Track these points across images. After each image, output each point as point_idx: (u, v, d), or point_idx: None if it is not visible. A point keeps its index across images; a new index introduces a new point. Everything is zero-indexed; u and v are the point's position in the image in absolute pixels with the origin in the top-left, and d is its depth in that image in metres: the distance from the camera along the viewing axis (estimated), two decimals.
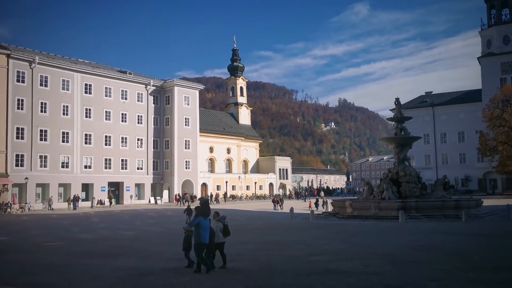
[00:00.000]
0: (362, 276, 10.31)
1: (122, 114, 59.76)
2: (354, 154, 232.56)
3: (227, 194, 69.75)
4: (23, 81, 50.43)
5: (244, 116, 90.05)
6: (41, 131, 51.59)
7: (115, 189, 58.89)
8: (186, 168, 64.46)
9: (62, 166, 53.30)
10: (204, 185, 70.14)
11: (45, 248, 17.32)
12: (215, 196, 62.44)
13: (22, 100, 50.14)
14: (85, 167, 55.51)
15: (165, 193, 63.59)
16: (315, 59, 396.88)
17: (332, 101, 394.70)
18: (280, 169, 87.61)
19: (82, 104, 55.56)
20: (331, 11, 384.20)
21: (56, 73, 53.40)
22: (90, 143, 56.02)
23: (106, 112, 58.02)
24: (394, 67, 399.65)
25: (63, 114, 53.68)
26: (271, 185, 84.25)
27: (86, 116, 55.91)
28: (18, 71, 50.12)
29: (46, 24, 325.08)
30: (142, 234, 22.56)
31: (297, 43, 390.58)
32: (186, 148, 64.62)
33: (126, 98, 60.34)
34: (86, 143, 55.64)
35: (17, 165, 49.22)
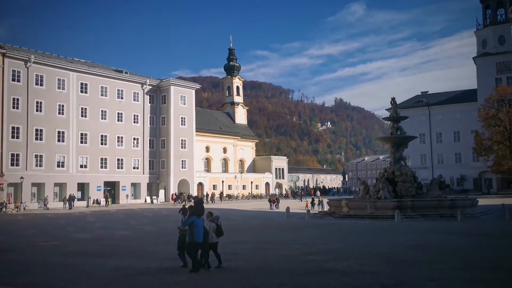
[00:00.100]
0: (358, 276, 10.34)
1: (118, 114, 59.62)
2: (350, 154, 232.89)
3: (223, 194, 69.71)
4: (19, 80, 50.21)
5: (241, 116, 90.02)
6: (37, 131, 51.40)
7: (111, 189, 58.70)
8: (182, 168, 64.39)
9: (58, 166, 53.13)
10: (200, 185, 70.09)
11: (41, 248, 17.27)
12: (211, 196, 62.23)
13: (18, 99, 49.92)
14: (81, 167, 55.35)
15: (161, 193, 63.47)
16: (311, 59, 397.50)
17: (328, 101, 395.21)
18: (276, 169, 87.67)
19: (78, 104, 55.38)
20: (327, 11, 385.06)
21: (52, 72, 53.20)
22: (86, 143, 55.85)
23: (102, 112, 57.86)
24: (390, 67, 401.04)
25: (59, 114, 53.49)
26: (268, 185, 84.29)
27: (82, 116, 55.73)
28: (14, 70, 49.89)
29: (42, 23, 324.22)
30: (138, 234, 22.53)
31: (293, 43, 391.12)
32: (182, 148, 64.55)
33: (122, 98, 60.20)
34: (82, 143, 55.47)
35: (13, 165, 49.00)
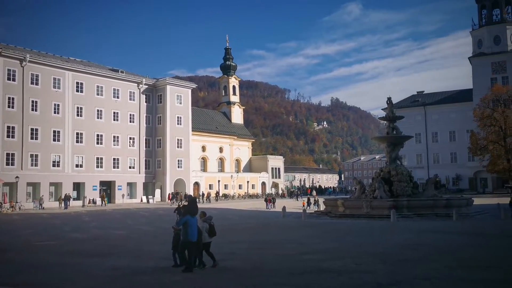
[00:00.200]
0: (354, 275, 10.36)
1: (114, 113, 59.48)
2: (346, 153, 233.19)
3: (220, 193, 69.63)
4: (14, 79, 50.01)
5: (237, 115, 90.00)
6: (32, 130, 51.20)
7: (107, 188, 58.57)
8: (179, 167, 64.32)
9: (53, 165, 52.97)
10: (197, 184, 70.03)
11: (37, 248, 17.20)
12: (207, 195, 61.97)
13: (13, 99, 49.71)
14: (77, 166, 55.19)
15: (157, 192, 63.40)
16: (307, 58, 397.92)
17: (325, 100, 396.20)
18: (273, 168, 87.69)
19: (74, 103, 55.22)
20: (323, 11, 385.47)
21: (47, 71, 53.01)
22: (82, 142, 55.70)
23: (98, 111, 57.71)
24: (386, 67, 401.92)
25: (54, 113, 53.33)
26: (264, 184, 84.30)
27: (78, 115, 55.57)
28: (9, 69, 49.68)
29: (38, 22, 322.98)
30: (134, 233, 22.48)
31: (289, 42, 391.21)
32: (179, 147, 64.47)
33: (118, 97, 60.07)
34: (78, 142, 55.31)
35: (8, 164, 48.80)
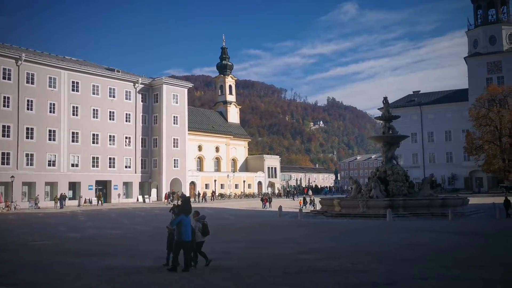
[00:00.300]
0: (350, 274, 10.36)
1: (110, 112, 59.32)
2: (343, 153, 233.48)
3: (216, 193, 69.55)
4: (9, 79, 49.78)
5: (233, 115, 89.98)
6: (28, 129, 51.00)
7: (103, 188, 58.40)
8: (175, 167, 64.21)
9: (49, 165, 52.78)
10: (193, 184, 69.94)
11: (32, 247, 17.13)
12: (203, 195, 61.77)
13: (8, 98, 49.49)
14: (72, 166, 55.02)
15: (153, 192, 63.27)
16: (304, 58, 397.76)
17: (321, 100, 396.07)
18: (269, 168, 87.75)
19: (69, 102, 55.04)
20: (320, 10, 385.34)
21: (43, 71, 52.81)
22: (77, 141, 55.53)
23: (94, 110, 57.54)
24: (382, 66, 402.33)
25: (50, 112, 53.13)
26: (260, 184, 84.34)
27: (73, 114, 55.40)
28: (4, 68, 49.46)
29: (34, 22, 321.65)
30: (130, 233, 22.43)
31: (286, 42, 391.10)
32: (175, 147, 64.36)
33: (114, 96, 59.91)
34: (73, 141, 55.14)
35: (3, 163, 48.56)
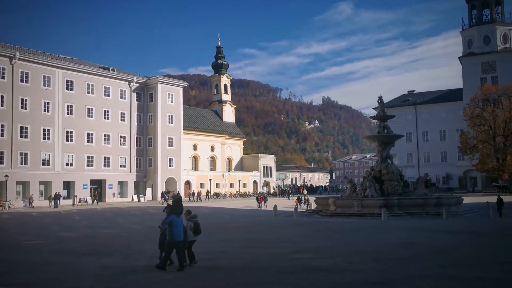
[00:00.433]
0: (345, 273, 10.38)
1: (105, 111, 59.12)
2: (338, 152, 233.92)
3: (211, 192, 69.46)
4: (3, 77, 49.50)
5: (228, 114, 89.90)
6: (22, 128, 50.75)
7: (98, 187, 58.20)
8: (170, 166, 64.10)
9: (43, 164, 52.55)
10: (188, 183, 69.83)
11: (26, 247, 17.06)
12: (197, 194, 61.70)
13: (2, 97, 49.21)
14: (67, 165, 54.80)
15: (149, 191, 63.11)
16: (299, 58, 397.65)
17: (316, 99, 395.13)
18: (264, 167, 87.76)
19: (64, 101, 54.80)
20: (315, 10, 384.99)
21: (37, 69, 52.56)
22: (72, 140, 55.30)
23: (88, 109, 57.33)
24: (378, 66, 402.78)
25: (44, 111, 52.90)
26: (255, 183, 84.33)
27: (68, 113, 55.17)
28: None
29: (28, 20, 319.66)
30: (125, 232, 22.37)
31: (281, 41, 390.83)
32: (170, 146, 64.25)
33: (109, 95, 59.71)
34: (68, 140, 54.92)
35: None
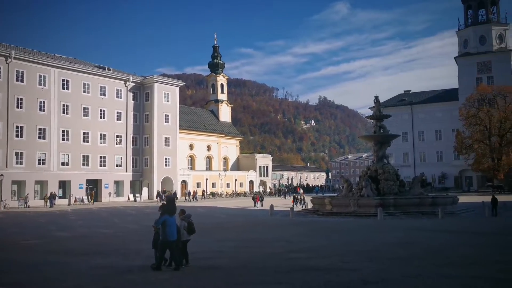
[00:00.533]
0: (341, 273, 10.40)
1: (101, 111, 58.98)
2: (334, 152, 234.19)
3: (207, 191, 69.39)
4: None
5: (225, 113, 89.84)
6: (17, 127, 50.56)
7: (93, 187, 58.05)
8: (166, 165, 64.03)
9: (39, 163, 52.38)
10: (184, 183, 69.76)
11: (22, 246, 17.00)
12: (193, 194, 61.59)
13: None
14: (62, 164, 54.64)
15: (145, 190, 63.04)
16: (296, 57, 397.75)
17: (313, 99, 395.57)
18: (261, 167, 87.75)
19: (59, 100, 54.63)
20: (312, 9, 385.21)
21: (33, 68, 52.38)
22: (68, 140, 55.15)
23: (84, 108, 57.18)
24: (374, 66, 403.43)
25: (40, 110, 52.72)
26: (252, 183, 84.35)
27: (64, 112, 55.01)
28: None
29: (24, 19, 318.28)
30: (121, 232, 22.32)
31: (278, 41, 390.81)
32: (166, 145, 64.17)
33: (105, 94, 59.57)
34: (63, 140, 54.75)
35: None
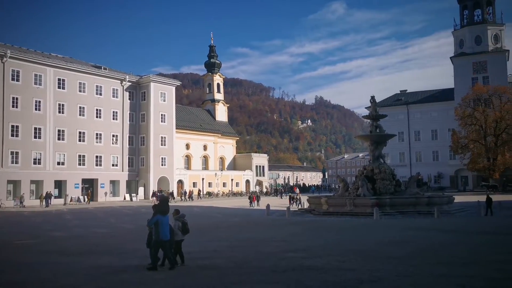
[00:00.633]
0: (337, 272, 10.42)
1: (97, 110, 58.78)
2: (330, 151, 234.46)
3: (203, 191, 69.31)
4: None
5: (221, 113, 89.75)
6: (13, 127, 50.33)
7: (89, 186, 57.88)
8: (162, 165, 63.90)
9: (34, 163, 52.16)
10: (180, 182, 69.64)
11: (17, 246, 16.95)
12: (189, 194, 61.46)
13: None
14: (58, 164, 54.44)
15: (141, 190, 62.91)
16: (292, 57, 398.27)
17: (309, 99, 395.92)
18: (257, 166, 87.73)
19: (55, 100, 54.43)
20: (308, 9, 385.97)
21: (29, 68, 52.15)
22: (63, 139, 54.95)
23: (80, 108, 56.99)
24: (370, 66, 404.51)
25: (35, 110, 52.49)
26: (248, 182, 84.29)
27: (59, 112, 54.80)
28: None
29: (19, 18, 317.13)
30: (117, 232, 22.29)
31: (274, 41, 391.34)
32: (162, 145, 64.05)
33: (101, 94, 59.39)
34: (59, 139, 54.55)
35: None
